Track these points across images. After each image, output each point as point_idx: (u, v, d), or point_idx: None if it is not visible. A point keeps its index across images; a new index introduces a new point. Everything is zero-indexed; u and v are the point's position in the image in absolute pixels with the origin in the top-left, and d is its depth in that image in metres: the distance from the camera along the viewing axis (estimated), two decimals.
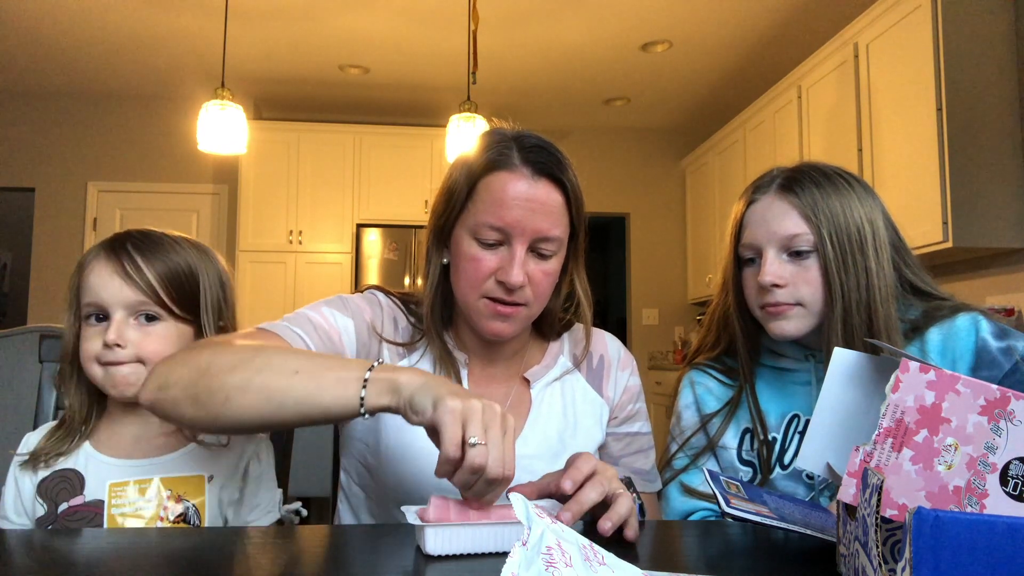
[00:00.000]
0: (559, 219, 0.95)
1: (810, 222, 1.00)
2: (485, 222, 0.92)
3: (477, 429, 0.66)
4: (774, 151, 3.96)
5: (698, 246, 5.27)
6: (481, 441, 0.66)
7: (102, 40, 4.17)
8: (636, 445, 1.08)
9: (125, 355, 0.90)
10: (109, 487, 0.90)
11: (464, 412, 0.67)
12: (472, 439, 0.66)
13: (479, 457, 0.66)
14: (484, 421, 0.67)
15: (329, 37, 4.10)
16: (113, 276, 0.91)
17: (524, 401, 1.03)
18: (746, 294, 1.07)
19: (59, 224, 4.92)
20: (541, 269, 0.94)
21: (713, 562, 0.72)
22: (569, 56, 4.32)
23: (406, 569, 0.65)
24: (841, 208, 1.00)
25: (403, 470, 0.96)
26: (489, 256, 0.93)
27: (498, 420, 0.68)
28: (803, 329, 1.02)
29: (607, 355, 1.10)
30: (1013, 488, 0.54)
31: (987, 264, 2.90)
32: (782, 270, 1.01)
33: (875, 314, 0.98)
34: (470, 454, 0.66)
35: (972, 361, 0.99)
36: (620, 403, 1.07)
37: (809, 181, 1.02)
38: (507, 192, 0.92)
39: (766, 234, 1.02)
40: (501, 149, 0.95)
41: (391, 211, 4.94)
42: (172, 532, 0.82)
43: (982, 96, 2.72)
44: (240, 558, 0.70)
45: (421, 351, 1.02)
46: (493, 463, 0.66)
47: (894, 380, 0.56)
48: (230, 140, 3.15)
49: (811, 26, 3.84)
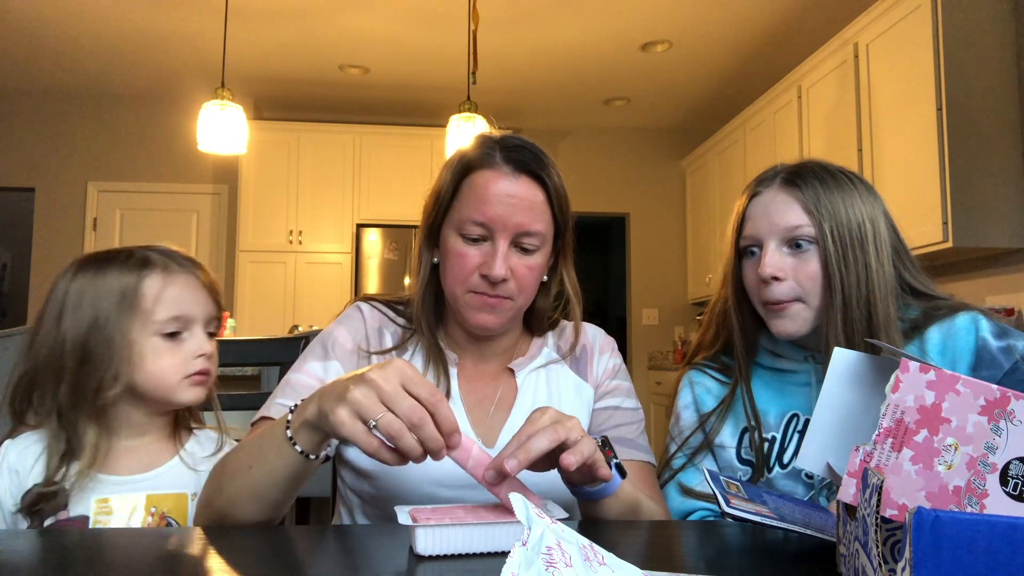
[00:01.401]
0: (540, 215, 0.98)
1: (812, 215, 1.00)
2: (469, 218, 0.96)
3: (369, 410, 0.65)
4: (774, 151, 3.96)
5: (698, 246, 5.27)
6: (379, 415, 0.65)
7: (102, 40, 4.17)
8: (617, 418, 1.06)
9: (215, 366, 0.95)
10: (94, 502, 0.89)
11: (351, 407, 0.66)
12: (372, 422, 0.65)
13: (390, 427, 0.65)
14: (371, 396, 0.66)
15: (329, 37, 4.10)
16: (201, 289, 0.94)
17: (511, 390, 1.04)
18: (747, 287, 1.07)
19: (59, 224, 4.93)
20: (525, 264, 0.97)
21: (713, 562, 0.72)
22: (569, 56, 4.32)
23: (398, 569, 0.65)
24: (843, 204, 1.01)
25: (403, 479, 0.95)
26: (474, 251, 0.96)
27: (384, 379, 0.67)
28: (804, 328, 1.02)
29: (588, 343, 1.12)
30: (1013, 488, 0.54)
31: (987, 264, 2.90)
32: (782, 262, 1.01)
33: (874, 310, 0.99)
34: (382, 431, 0.65)
35: (972, 361, 0.99)
36: (600, 381, 1.09)
37: (812, 176, 1.03)
38: (489, 189, 0.96)
39: (768, 226, 1.03)
40: (485, 150, 1.00)
41: (391, 211, 4.94)
42: (167, 532, 0.82)
43: (982, 96, 2.72)
44: (231, 558, 0.70)
45: (411, 350, 1.04)
46: (407, 414, 0.66)
47: (894, 380, 0.56)
48: (230, 140, 3.15)
49: (811, 26, 3.84)
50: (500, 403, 1.03)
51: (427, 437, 0.66)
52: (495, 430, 1.00)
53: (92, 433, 0.90)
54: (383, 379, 0.66)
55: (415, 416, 0.65)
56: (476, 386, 1.04)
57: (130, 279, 0.91)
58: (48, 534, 0.79)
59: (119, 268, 0.91)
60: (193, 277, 0.94)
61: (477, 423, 1.00)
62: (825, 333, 1.00)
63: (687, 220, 5.53)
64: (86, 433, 0.90)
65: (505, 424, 1.00)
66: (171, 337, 0.91)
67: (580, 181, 5.34)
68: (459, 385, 1.03)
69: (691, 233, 5.44)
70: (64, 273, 0.93)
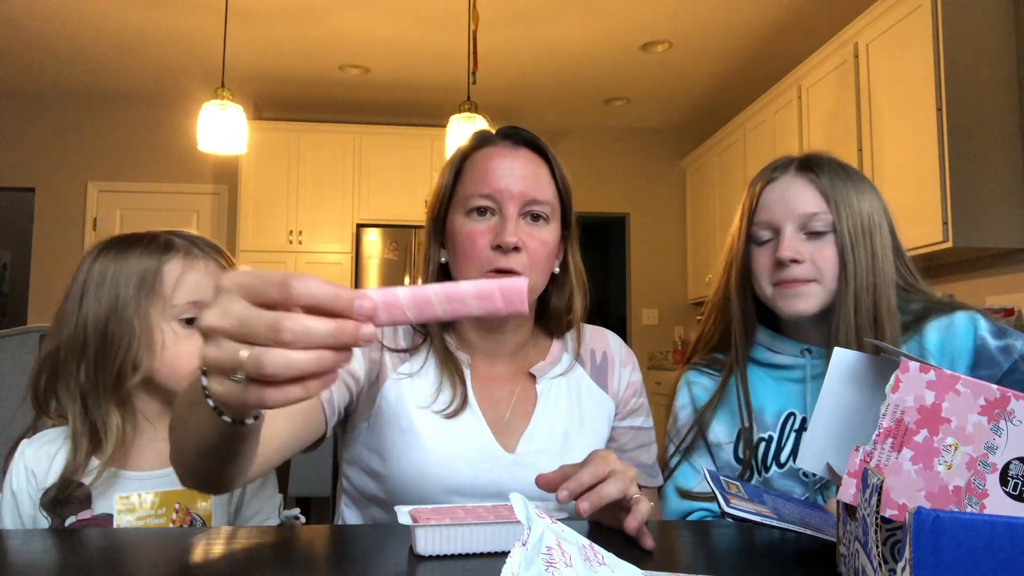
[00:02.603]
0: (546, 184, 0.99)
1: (828, 202, 1.02)
2: (474, 192, 0.96)
3: (229, 362, 0.47)
4: (774, 151, 3.95)
5: (698, 246, 5.27)
6: (243, 359, 0.46)
7: (102, 40, 4.16)
8: (640, 439, 1.09)
9: None
10: (117, 499, 0.88)
11: (217, 373, 0.49)
12: (238, 376, 0.47)
13: (272, 367, 0.46)
14: (223, 347, 0.47)
15: (329, 37, 4.10)
16: (218, 275, 0.92)
17: (530, 397, 1.02)
18: (756, 273, 1.07)
19: (59, 224, 4.92)
20: (536, 236, 0.96)
21: (713, 562, 0.72)
22: (569, 56, 4.32)
23: (398, 569, 0.65)
24: (855, 194, 1.04)
25: (414, 483, 0.94)
26: (482, 226, 0.96)
27: (222, 314, 0.47)
28: (815, 307, 1.02)
29: (610, 352, 1.11)
30: (1013, 488, 0.54)
31: (987, 264, 2.89)
32: (801, 246, 1.03)
33: (880, 298, 1.01)
34: (250, 371, 0.46)
35: (971, 360, 1.00)
36: (624, 398, 1.08)
37: (826, 165, 1.06)
38: (491, 163, 0.97)
39: (785, 212, 1.04)
40: (482, 136, 1.03)
41: (391, 211, 4.94)
42: (168, 532, 0.82)
43: (982, 96, 2.72)
44: (231, 558, 0.69)
45: (424, 355, 1.02)
46: (273, 334, 0.46)
47: (894, 380, 0.56)
48: (230, 140, 3.14)
49: (811, 26, 3.84)
50: (517, 408, 1.01)
51: (318, 337, 0.46)
52: (514, 437, 0.98)
53: (117, 416, 0.87)
54: (221, 315, 0.47)
55: (285, 333, 0.45)
56: (491, 388, 1.02)
57: (151, 262, 0.89)
58: (69, 535, 0.78)
59: (141, 251, 0.91)
60: (215, 263, 0.93)
61: (493, 426, 0.98)
62: (837, 315, 1.01)
63: (687, 220, 5.53)
64: (111, 416, 0.87)
65: (524, 432, 0.99)
66: (190, 324, 0.89)
67: (580, 181, 5.28)
68: (473, 387, 1.01)
69: (691, 233, 5.44)
70: (88, 254, 0.92)
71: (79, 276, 0.91)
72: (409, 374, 0.99)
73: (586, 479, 0.73)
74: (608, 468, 0.75)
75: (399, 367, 1.00)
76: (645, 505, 0.74)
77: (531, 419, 1.00)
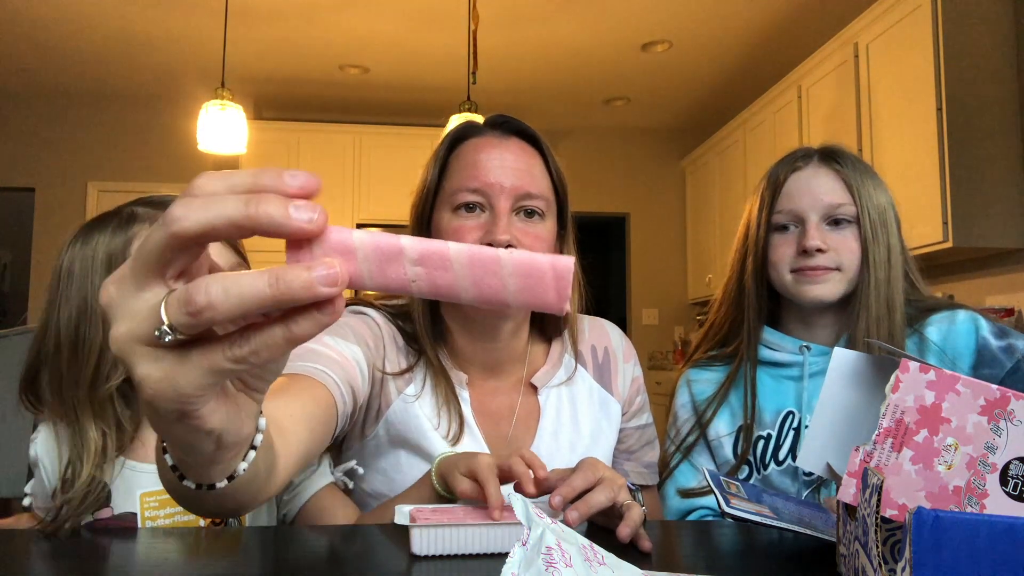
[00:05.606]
0: (539, 177, 0.91)
1: (852, 193, 1.04)
2: (462, 186, 0.88)
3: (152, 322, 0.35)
4: (774, 151, 3.95)
5: (698, 246, 5.27)
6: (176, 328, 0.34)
7: (102, 40, 4.16)
8: (645, 437, 1.09)
9: None
10: (140, 497, 0.82)
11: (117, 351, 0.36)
12: (158, 332, 0.34)
13: (197, 316, 0.34)
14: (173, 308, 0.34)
15: (329, 37, 4.09)
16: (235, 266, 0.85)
17: (533, 410, 0.98)
18: (774, 261, 1.08)
19: (59, 224, 4.92)
20: (531, 232, 0.89)
21: (713, 562, 0.72)
22: (569, 56, 4.32)
23: (394, 569, 0.65)
24: (873, 187, 1.06)
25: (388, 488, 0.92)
26: (471, 223, 0.88)
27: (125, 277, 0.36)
28: (834, 294, 1.04)
29: (611, 347, 1.08)
30: (1013, 488, 0.54)
31: (987, 264, 2.89)
32: (825, 236, 1.04)
33: (893, 290, 1.03)
34: (176, 315, 0.35)
35: (973, 360, 1.00)
36: (629, 397, 1.07)
37: (848, 156, 1.08)
38: (479, 154, 0.90)
39: (811, 201, 1.05)
40: (469, 125, 0.95)
41: (391, 211, 4.93)
42: (167, 532, 0.82)
43: (982, 96, 2.72)
44: (231, 557, 0.69)
45: (421, 375, 0.95)
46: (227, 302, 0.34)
47: (894, 380, 0.56)
48: (230, 140, 3.15)
49: (811, 26, 3.84)
50: (520, 422, 0.97)
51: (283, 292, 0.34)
52: None
53: (93, 429, 0.78)
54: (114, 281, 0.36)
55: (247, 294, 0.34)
56: (491, 405, 0.97)
57: (116, 242, 0.80)
58: (87, 533, 0.76)
59: (105, 232, 0.81)
60: (235, 253, 0.85)
61: (496, 443, 0.94)
62: (856, 307, 1.03)
63: (687, 220, 5.52)
64: (87, 429, 0.78)
65: (530, 448, 0.94)
66: None
67: (580, 181, 5.33)
68: (472, 406, 0.96)
69: (691, 233, 5.43)
70: (62, 247, 0.84)
71: (53, 274, 0.84)
72: (415, 395, 0.94)
73: (578, 484, 0.72)
74: (597, 475, 0.74)
75: (404, 389, 0.94)
76: (637, 511, 0.73)
77: (535, 434, 0.97)
